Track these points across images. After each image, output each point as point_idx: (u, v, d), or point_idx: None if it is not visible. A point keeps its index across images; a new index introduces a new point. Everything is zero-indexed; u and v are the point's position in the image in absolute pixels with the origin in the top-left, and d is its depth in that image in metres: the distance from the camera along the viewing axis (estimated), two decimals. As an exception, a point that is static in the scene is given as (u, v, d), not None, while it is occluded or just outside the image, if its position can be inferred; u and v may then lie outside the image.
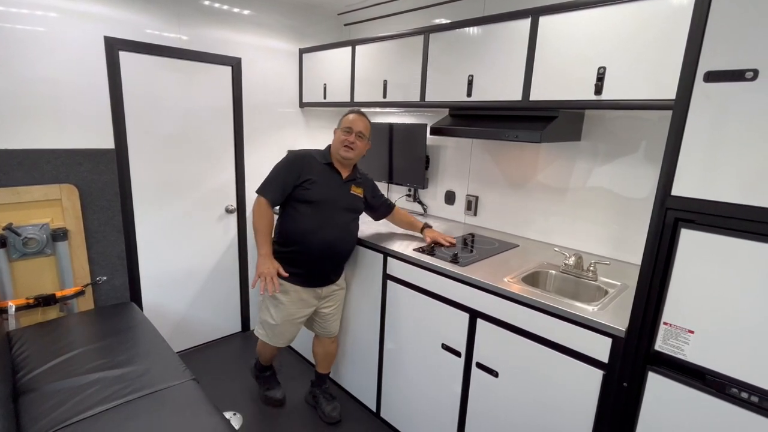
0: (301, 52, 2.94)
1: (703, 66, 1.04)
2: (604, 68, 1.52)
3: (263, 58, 2.79)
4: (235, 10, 2.61)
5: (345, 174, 1.97)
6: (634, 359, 1.26)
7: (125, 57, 2.24)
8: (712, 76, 1.04)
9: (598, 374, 1.35)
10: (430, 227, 2.17)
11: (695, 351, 1.14)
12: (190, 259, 2.71)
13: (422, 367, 1.94)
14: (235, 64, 2.66)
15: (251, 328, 3.12)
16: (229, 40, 2.62)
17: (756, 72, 0.98)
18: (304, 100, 3.00)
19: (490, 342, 1.64)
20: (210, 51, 2.54)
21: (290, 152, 1.95)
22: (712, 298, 1.10)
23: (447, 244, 2.01)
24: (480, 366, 1.69)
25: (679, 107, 1.10)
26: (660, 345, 1.20)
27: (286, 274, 1.89)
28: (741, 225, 1.04)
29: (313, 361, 2.34)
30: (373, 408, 2.27)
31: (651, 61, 1.42)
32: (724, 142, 1.04)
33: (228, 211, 2.82)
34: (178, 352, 2.68)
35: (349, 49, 2.57)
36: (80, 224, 2.19)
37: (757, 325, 1.03)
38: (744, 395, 1.08)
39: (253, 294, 3.06)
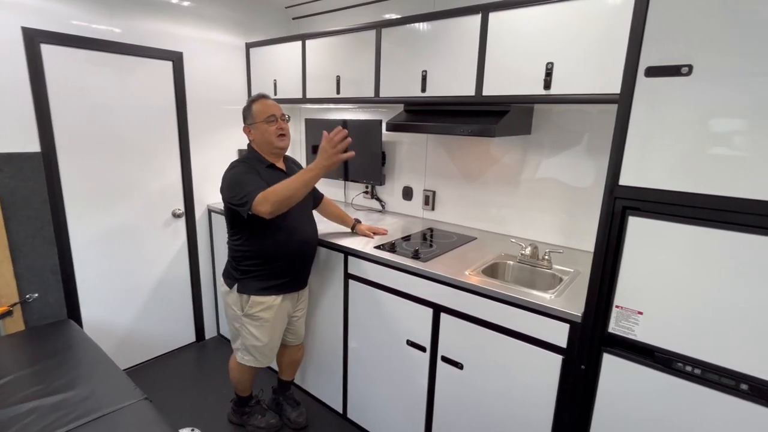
0: (248, 46, 2.82)
1: (644, 61, 1.10)
2: (552, 64, 1.58)
3: (207, 52, 2.64)
4: (174, 1, 2.44)
5: (283, 167, 1.86)
6: (590, 342, 1.32)
7: (48, 50, 2.03)
8: (652, 71, 1.10)
9: (557, 359, 1.41)
10: (360, 222, 2.17)
11: (644, 331, 1.21)
12: (134, 269, 2.53)
13: (388, 365, 1.93)
14: (176, 59, 2.49)
15: (207, 337, 2.97)
16: (168, 33, 2.45)
17: (690, 67, 1.04)
18: (260, 92, 2.88)
19: (454, 335, 1.67)
20: (147, 45, 2.36)
21: (233, 168, 1.72)
22: (657, 280, 1.17)
23: (381, 233, 2.08)
24: (445, 359, 1.70)
25: (624, 101, 1.15)
26: (613, 327, 1.27)
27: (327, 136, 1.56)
28: (680, 210, 1.11)
29: (275, 366, 2.27)
30: (340, 409, 2.24)
31: (596, 56, 1.48)
32: (665, 133, 1.11)
33: (175, 215, 2.65)
34: (126, 370, 2.51)
35: (299, 43, 2.50)
36: (3, 237, 1.97)
37: (697, 303, 1.11)
38: (688, 368, 1.16)
39: (207, 301, 2.92)
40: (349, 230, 2.18)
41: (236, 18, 2.75)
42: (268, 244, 1.76)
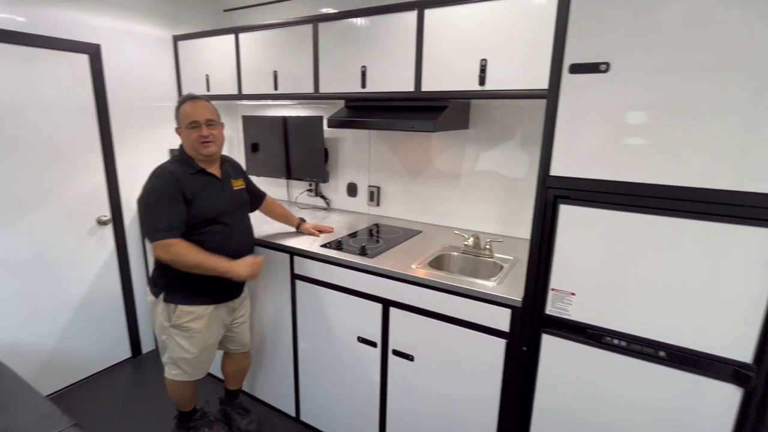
0: (176, 39, 2.64)
1: (568, 59, 1.17)
2: (486, 60, 1.64)
3: (129, 45, 2.44)
4: (87, -12, 2.23)
5: (217, 172, 1.74)
6: (530, 325, 1.40)
7: (-67, 41, 1.78)
8: (575, 68, 1.17)
9: (501, 343, 1.48)
10: (305, 221, 2.14)
11: (577, 310, 1.31)
12: (56, 283, 2.30)
13: (340, 363, 1.92)
14: (92, 52, 2.28)
15: (144, 352, 2.78)
16: (82, 23, 2.23)
17: (608, 64, 1.13)
18: (185, 93, 2.71)
19: (403, 328, 1.69)
20: (58, 36, 2.14)
21: (154, 179, 1.60)
22: (586, 263, 1.26)
23: (327, 231, 2.10)
24: (396, 353, 1.72)
25: (551, 96, 1.22)
26: (550, 309, 1.35)
27: (261, 256, 1.75)
28: (602, 197, 1.21)
29: (220, 376, 2.17)
30: (292, 413, 2.19)
31: (526, 54, 1.56)
32: (589, 126, 1.19)
33: (100, 222, 2.44)
34: (49, 396, 2.29)
35: (231, 36, 2.39)
36: None
37: (619, 281, 1.22)
38: (615, 342, 1.26)
39: (142, 313, 2.72)
40: (293, 230, 2.13)
41: (161, 8, 2.57)
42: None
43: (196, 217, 1.62)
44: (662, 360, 1.20)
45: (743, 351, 1.10)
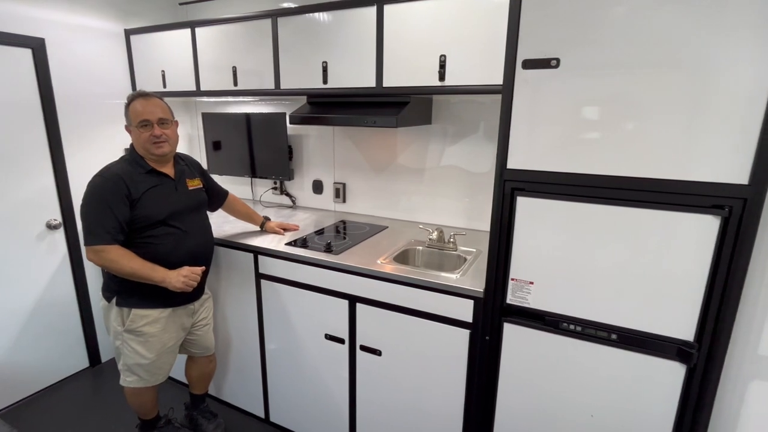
0: (128, 33, 2.53)
1: (521, 55, 1.21)
2: (445, 56, 1.66)
3: (77, 39, 2.32)
4: (27, -23, 2.10)
5: (170, 171, 1.68)
6: (492, 315, 1.44)
7: None
8: (528, 64, 1.21)
9: (465, 333, 1.51)
10: (270, 220, 2.11)
11: (536, 298, 1.35)
12: (1, 293, 2.16)
13: (308, 362, 1.91)
14: (36, 47, 2.15)
15: (103, 360, 2.66)
16: (24, 15, 2.10)
17: (558, 60, 1.17)
18: (139, 90, 2.60)
19: (370, 323, 1.69)
20: (-5, 28, 2.01)
21: (96, 179, 1.54)
22: (543, 252, 1.31)
23: (292, 229, 2.09)
24: (364, 348, 1.73)
25: (506, 91, 1.25)
26: (510, 298, 1.39)
27: (200, 267, 1.65)
28: (556, 189, 1.25)
29: (185, 381, 2.11)
30: (262, 415, 2.16)
31: (483, 49, 1.58)
32: (542, 120, 1.23)
33: (50, 226, 2.31)
34: (-2, 411, 2.16)
35: (188, 31, 2.31)
36: None
37: (573, 269, 1.27)
38: (571, 327, 1.32)
39: (100, 319, 2.60)
40: (258, 229, 2.09)
41: (111, 0, 2.45)
42: (151, 251, 1.57)
43: (145, 218, 1.55)
44: (614, 342, 1.27)
45: (686, 330, 1.18)
